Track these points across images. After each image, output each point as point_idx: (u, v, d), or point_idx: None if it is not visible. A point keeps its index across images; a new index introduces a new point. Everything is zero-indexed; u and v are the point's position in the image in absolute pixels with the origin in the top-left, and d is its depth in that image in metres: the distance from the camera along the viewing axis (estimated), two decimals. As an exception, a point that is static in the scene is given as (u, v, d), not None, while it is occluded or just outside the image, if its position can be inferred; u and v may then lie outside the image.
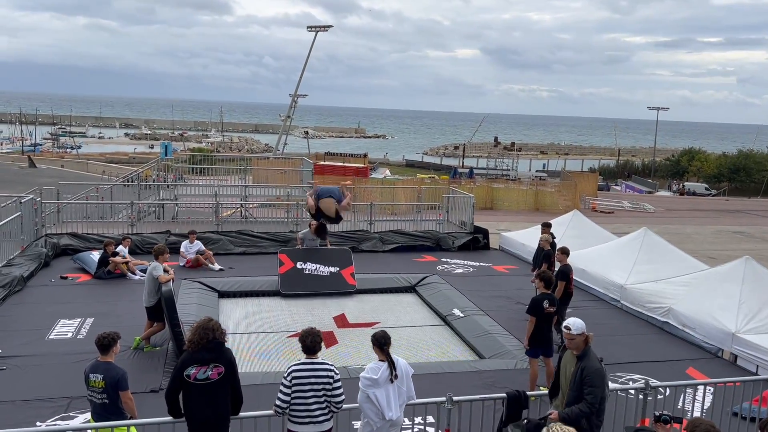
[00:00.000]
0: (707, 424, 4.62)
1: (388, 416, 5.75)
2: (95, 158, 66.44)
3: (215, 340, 5.56)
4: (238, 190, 24.74)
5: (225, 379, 5.55)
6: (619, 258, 13.95)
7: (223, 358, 5.56)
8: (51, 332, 10.50)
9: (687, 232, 26.17)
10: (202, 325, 5.61)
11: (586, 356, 5.74)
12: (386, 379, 5.78)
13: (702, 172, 67.91)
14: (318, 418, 5.68)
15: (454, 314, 12.41)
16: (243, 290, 13.81)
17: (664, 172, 73.55)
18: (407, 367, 6.01)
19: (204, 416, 5.53)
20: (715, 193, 58.14)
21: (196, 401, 5.50)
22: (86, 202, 20.08)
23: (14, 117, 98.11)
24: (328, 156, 45.87)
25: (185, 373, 5.46)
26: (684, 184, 63.03)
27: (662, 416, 4.83)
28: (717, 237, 25.58)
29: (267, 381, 8.64)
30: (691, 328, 11.20)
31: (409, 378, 5.99)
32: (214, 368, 5.50)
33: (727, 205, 42.06)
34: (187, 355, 5.56)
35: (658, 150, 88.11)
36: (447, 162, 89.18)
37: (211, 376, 5.49)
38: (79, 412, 7.64)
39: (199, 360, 5.49)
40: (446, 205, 20.35)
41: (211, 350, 5.53)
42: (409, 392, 5.97)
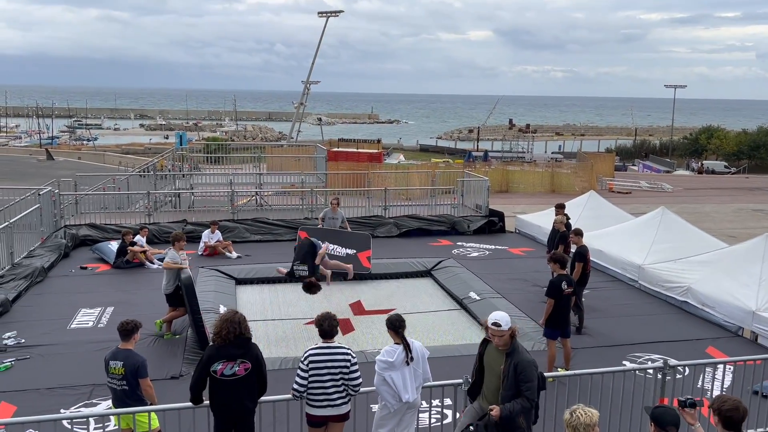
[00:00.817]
0: (734, 400, 4.56)
1: (404, 398, 5.78)
2: (111, 149, 67.04)
3: (242, 336, 5.57)
4: (253, 178, 24.84)
5: (251, 375, 5.58)
6: (637, 238, 13.82)
7: (250, 354, 5.59)
8: (72, 321, 10.67)
9: (706, 210, 25.86)
10: (228, 319, 5.59)
11: (516, 351, 5.47)
12: (402, 361, 5.80)
13: (721, 150, 66.88)
14: (336, 401, 5.72)
15: (470, 297, 12.41)
16: (260, 277, 13.91)
17: (682, 150, 72.57)
18: (423, 350, 6.02)
19: (230, 410, 5.59)
20: (734, 171, 57.31)
21: (223, 396, 5.55)
22: (104, 193, 20.29)
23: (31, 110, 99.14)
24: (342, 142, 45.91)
25: (212, 368, 5.50)
26: (703, 163, 62.18)
27: (688, 401, 4.77)
28: (737, 215, 25.26)
29: (285, 366, 8.73)
30: (710, 307, 11.10)
31: (425, 360, 6.00)
32: (241, 364, 5.53)
33: (747, 183, 41.48)
34: (213, 351, 5.57)
35: (676, 128, 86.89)
36: (461, 146, 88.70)
37: (238, 372, 5.52)
38: (102, 399, 7.77)
39: (226, 356, 5.51)
40: (461, 189, 20.27)
41: (239, 346, 5.55)
42: (425, 374, 5.99)
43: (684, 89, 74.45)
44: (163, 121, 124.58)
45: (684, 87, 73.75)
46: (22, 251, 13.86)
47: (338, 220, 14.84)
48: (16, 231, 13.74)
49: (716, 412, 4.52)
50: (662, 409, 4.56)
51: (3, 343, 9.60)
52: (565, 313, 8.72)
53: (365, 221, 17.82)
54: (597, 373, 6.81)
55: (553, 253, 9.35)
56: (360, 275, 14.02)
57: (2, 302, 10.92)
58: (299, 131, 56.72)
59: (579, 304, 10.40)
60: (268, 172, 27.33)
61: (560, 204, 13.46)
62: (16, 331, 10.04)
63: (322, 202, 18.99)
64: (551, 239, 12.49)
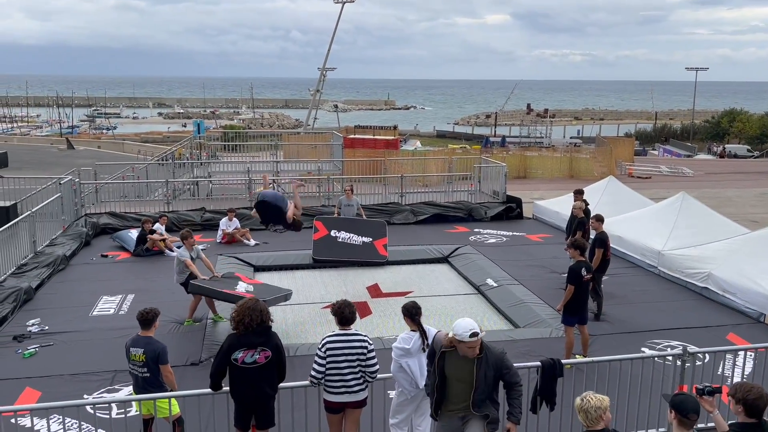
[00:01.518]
0: (759, 388, 4.51)
1: (421, 385, 5.80)
2: (130, 138, 67.62)
3: (263, 324, 5.62)
4: (270, 165, 24.94)
5: (272, 363, 5.63)
6: (657, 224, 13.67)
7: (270, 343, 5.63)
8: (94, 309, 10.84)
9: (727, 195, 25.46)
10: (250, 307, 5.63)
11: (486, 350, 5.16)
12: (419, 348, 5.82)
13: (744, 133, 65.71)
14: (353, 388, 5.76)
15: (487, 284, 12.38)
16: (277, 264, 14.01)
17: (704, 134, 71.44)
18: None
19: (250, 398, 5.66)
20: (757, 155, 56.30)
21: (243, 384, 5.61)
22: (123, 181, 20.51)
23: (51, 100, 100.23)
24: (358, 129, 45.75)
25: (233, 356, 5.56)
26: (725, 147, 61.17)
27: (706, 389, 4.72)
28: (759, 200, 24.83)
29: (302, 353, 8.79)
30: (731, 293, 10.96)
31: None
32: (261, 352, 5.58)
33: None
34: (234, 339, 5.62)
35: (698, 112, 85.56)
36: (478, 131, 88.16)
37: (259, 360, 5.57)
38: (124, 385, 7.90)
39: (247, 344, 5.56)
40: (478, 175, 20.17)
41: (260, 334, 5.59)
42: None
43: (706, 72, 73.09)
44: (180, 110, 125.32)
45: (706, 69, 72.45)
46: (44, 240, 14.08)
47: (353, 207, 14.93)
48: (39, 220, 13.96)
49: (741, 401, 4.47)
50: (683, 397, 4.52)
51: (27, 330, 9.79)
52: (583, 299, 8.67)
53: (382, 208, 17.82)
54: (615, 360, 6.78)
55: (573, 240, 9.28)
56: (377, 262, 14.07)
57: (26, 290, 11.12)
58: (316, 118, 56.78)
59: (598, 290, 10.34)
60: (285, 159, 27.42)
61: (579, 189, 13.34)
62: (39, 318, 10.24)
63: (339, 189, 19.01)
64: (569, 225, 12.39)
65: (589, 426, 4.41)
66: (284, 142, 32.21)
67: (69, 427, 6.53)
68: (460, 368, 5.16)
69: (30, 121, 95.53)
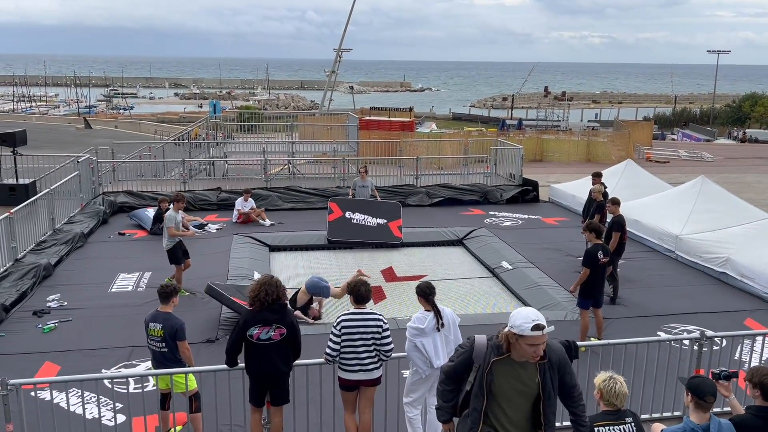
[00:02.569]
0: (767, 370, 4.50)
1: (436, 364, 5.81)
2: (147, 118, 67.94)
3: (278, 301, 5.65)
4: (286, 146, 24.94)
5: (286, 340, 5.67)
6: (675, 208, 13.51)
7: (285, 320, 5.66)
8: (112, 285, 10.96)
9: (747, 180, 25.09)
10: (265, 282, 5.67)
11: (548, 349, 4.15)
12: (433, 328, 5.82)
13: (765, 118, 64.59)
14: (368, 366, 5.78)
15: (502, 267, 12.34)
16: (293, 244, 14.06)
17: (724, 119, 70.32)
18: (453, 316, 6.02)
19: (265, 373, 5.71)
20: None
21: (258, 360, 5.66)
22: (140, 160, 20.63)
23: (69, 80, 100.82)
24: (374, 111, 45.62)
25: (248, 333, 5.60)
26: (745, 131, 60.17)
27: (722, 373, 4.69)
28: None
29: (318, 332, 8.83)
30: (750, 278, 10.84)
31: (456, 326, 6.00)
32: (276, 329, 5.62)
33: (792, 153, 39.99)
34: (250, 315, 5.66)
35: (718, 96, 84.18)
36: (495, 114, 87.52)
37: (274, 337, 5.61)
38: (141, 361, 8.01)
39: (263, 320, 5.60)
40: (494, 158, 20.04)
41: (275, 311, 5.62)
42: (456, 340, 5.99)
43: (728, 55, 71.74)
44: (197, 90, 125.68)
45: (728, 52, 71.11)
46: (62, 217, 14.24)
47: (368, 188, 15.02)
48: (57, 198, 14.11)
49: (758, 384, 4.45)
50: (700, 380, 4.50)
51: (47, 305, 9.94)
52: (599, 282, 8.63)
53: (397, 190, 17.78)
54: (631, 343, 6.73)
55: (589, 223, 9.24)
56: (391, 244, 14.09)
57: (45, 266, 11.27)
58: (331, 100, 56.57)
59: (614, 274, 10.28)
60: (300, 140, 27.41)
61: (597, 172, 13.19)
62: (59, 294, 10.38)
63: (354, 171, 19.00)
64: (586, 208, 12.29)
65: (606, 406, 4.39)
66: (300, 123, 32.17)
67: (88, 400, 6.63)
68: (518, 378, 4.09)
69: (48, 100, 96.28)
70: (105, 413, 6.57)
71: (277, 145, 25.64)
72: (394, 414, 6.35)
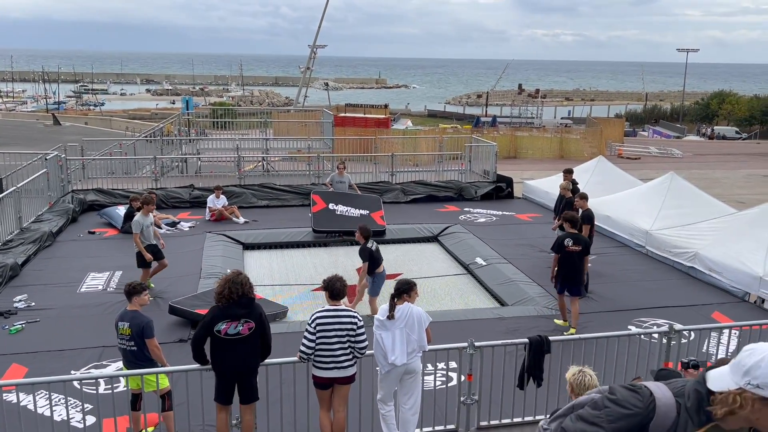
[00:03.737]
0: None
1: (390, 359, 5.83)
2: (118, 115, 66.86)
3: (246, 296, 5.61)
4: (260, 143, 24.75)
5: (255, 334, 5.64)
6: (645, 204, 13.74)
7: (254, 314, 5.64)
8: (82, 285, 10.77)
9: (716, 176, 25.62)
10: (230, 279, 5.65)
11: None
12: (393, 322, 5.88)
13: (733, 115, 65.91)
14: (343, 363, 5.77)
15: (476, 263, 12.42)
16: (267, 242, 13.97)
17: (693, 116, 71.59)
18: (421, 317, 6.02)
19: (233, 369, 5.67)
20: (746, 137, 56.58)
21: (226, 355, 5.62)
22: (110, 158, 20.30)
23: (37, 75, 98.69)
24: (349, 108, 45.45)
25: (216, 328, 5.55)
26: (713, 128, 61.39)
27: (690, 362, 4.79)
28: (747, 181, 25.01)
29: (292, 330, 8.80)
30: (717, 272, 11.07)
31: (422, 327, 5.99)
32: (245, 324, 5.59)
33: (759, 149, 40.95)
34: (217, 310, 5.62)
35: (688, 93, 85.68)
36: (470, 111, 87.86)
37: (242, 332, 5.58)
38: (112, 361, 7.89)
39: (231, 315, 5.57)
40: (468, 155, 20.13)
41: (243, 306, 5.60)
42: (420, 341, 5.98)
43: (696, 53, 73.01)
44: (169, 86, 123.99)
45: (696, 51, 72.35)
46: (30, 216, 13.94)
47: (345, 183, 15.10)
48: (24, 196, 13.80)
49: None
50: (666, 372, 4.58)
51: (13, 306, 9.73)
52: (571, 270, 8.93)
53: (372, 187, 17.76)
54: (602, 337, 6.84)
55: (565, 213, 9.60)
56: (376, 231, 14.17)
57: (12, 266, 11.02)
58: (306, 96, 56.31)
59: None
60: (274, 137, 27.23)
61: (568, 169, 13.36)
62: (26, 294, 10.16)
63: (329, 167, 18.94)
64: (557, 205, 12.44)
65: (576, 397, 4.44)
66: (274, 119, 31.96)
67: (56, 402, 6.51)
68: None
69: (15, 96, 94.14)
70: (74, 415, 6.47)
71: (251, 141, 25.43)
72: (368, 411, 6.35)
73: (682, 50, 71.67)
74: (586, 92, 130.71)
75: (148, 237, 10.17)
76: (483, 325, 9.23)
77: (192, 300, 9.53)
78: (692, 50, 71.22)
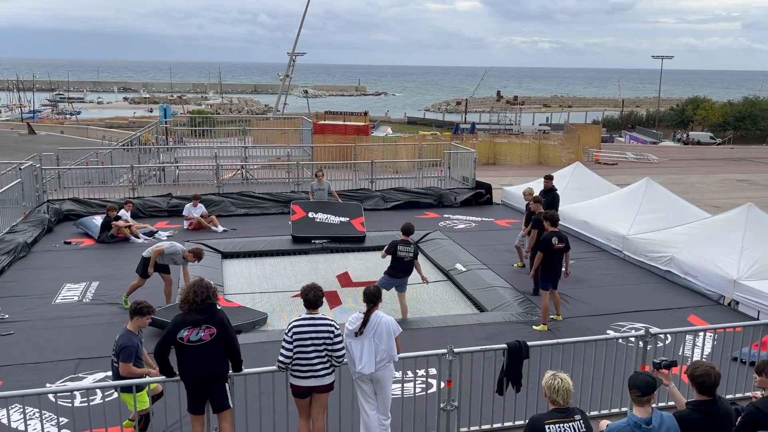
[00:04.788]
0: (707, 366, 4.67)
1: (357, 368, 5.86)
2: (95, 123, 66.14)
3: (207, 302, 5.60)
4: (239, 151, 24.62)
5: (217, 340, 5.61)
6: (622, 209, 13.91)
7: (215, 319, 5.62)
8: (57, 297, 10.61)
9: (691, 181, 26.06)
10: (195, 284, 5.68)
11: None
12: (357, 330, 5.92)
13: (707, 120, 67.11)
14: (320, 372, 5.76)
15: (456, 269, 12.47)
16: (246, 251, 13.89)
17: (669, 122, 72.75)
18: (390, 327, 6.02)
19: (198, 376, 5.61)
20: (720, 142, 57.63)
21: (191, 362, 5.58)
22: (87, 167, 20.06)
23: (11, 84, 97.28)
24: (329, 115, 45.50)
25: (178, 336, 5.53)
26: (688, 134, 62.43)
27: (662, 362, 4.88)
28: (721, 185, 25.48)
29: (271, 339, 8.74)
30: (693, 276, 11.23)
31: (391, 337, 6.00)
32: (206, 329, 5.56)
33: (732, 154, 41.78)
34: (179, 317, 5.63)
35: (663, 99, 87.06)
36: (449, 118, 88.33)
37: (204, 338, 5.55)
38: (88, 373, 7.78)
39: (191, 322, 5.55)
40: (448, 162, 20.24)
41: (203, 311, 5.58)
42: (389, 351, 5.98)
43: (671, 60, 74.35)
44: (147, 95, 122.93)
45: (671, 58, 73.70)
46: (4, 226, 13.71)
47: (325, 190, 15.15)
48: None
49: (690, 377, 4.63)
50: (634, 374, 4.66)
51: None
52: (557, 267, 9.42)
53: (352, 194, 17.77)
54: (580, 342, 6.90)
55: (547, 212, 9.91)
56: (348, 248, 14.20)
57: (-15, 278, 10.82)
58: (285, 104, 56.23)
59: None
60: (253, 145, 27.12)
61: (548, 175, 13.43)
62: (0, 306, 9.98)
63: (309, 175, 18.91)
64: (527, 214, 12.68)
65: (554, 404, 4.49)
66: (253, 127, 31.84)
67: (30, 416, 6.40)
68: None
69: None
70: (49, 429, 6.36)
71: (230, 149, 25.29)
72: (348, 419, 6.34)
73: (657, 57, 72.91)
74: (563, 99, 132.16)
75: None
76: (463, 331, 9.26)
77: (168, 311, 9.43)
78: (667, 57, 72.49)
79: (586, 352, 6.83)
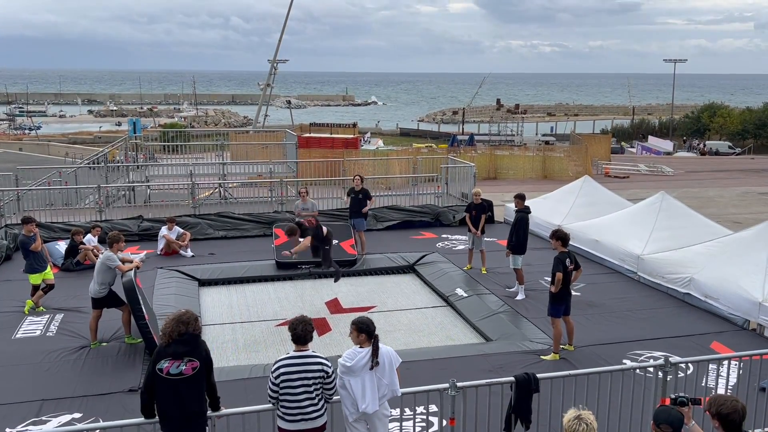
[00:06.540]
0: (732, 400, 4.66)
1: (361, 408, 5.78)
2: (57, 139, 66.04)
3: (190, 333, 5.60)
4: (216, 168, 24.66)
5: (200, 375, 5.59)
6: (635, 226, 14.01)
7: (197, 352, 5.61)
8: (17, 331, 10.52)
9: (709, 195, 26.28)
10: (177, 316, 5.66)
11: None
12: (363, 366, 5.81)
13: (725, 129, 67.85)
14: (310, 414, 5.71)
15: (456, 294, 12.49)
16: (225, 277, 13.86)
17: (684, 130, 73.45)
18: (392, 358, 5.99)
19: (176, 413, 5.55)
20: (739, 152, 58.22)
21: (169, 397, 5.53)
22: (49, 188, 20.01)
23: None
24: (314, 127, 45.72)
25: (158, 367, 5.51)
26: (705, 143, 63.05)
27: (678, 398, 4.88)
28: (742, 199, 25.69)
29: (255, 374, 8.71)
30: (714, 298, 11.30)
31: (393, 370, 5.97)
32: (188, 363, 5.54)
33: (753, 164, 42.18)
34: (160, 349, 5.62)
35: (676, 107, 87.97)
36: (445, 129, 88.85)
37: (185, 371, 5.53)
38: (52, 416, 7.70)
39: (173, 354, 5.53)
40: (445, 177, 20.34)
41: (186, 343, 5.57)
42: (391, 386, 5.94)
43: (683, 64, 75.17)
44: (114, 107, 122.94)
45: (684, 61, 74.53)
46: (-42, 254, 13.63)
47: (309, 209, 15.16)
48: (-49, 232, 13.50)
49: (715, 415, 4.62)
50: (662, 408, 4.66)
51: (-61, 356, 9.45)
52: (568, 289, 9.44)
53: (341, 213, 17.79)
54: (594, 373, 6.91)
55: (556, 230, 9.83)
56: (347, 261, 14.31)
57: (-63, 311, 10.73)
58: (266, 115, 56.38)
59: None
60: (232, 161, 27.17)
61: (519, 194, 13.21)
62: (-47, 343, 9.89)
63: (293, 193, 18.95)
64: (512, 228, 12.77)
65: None
66: (231, 141, 31.91)
67: (-11, 465, 6.33)
68: None
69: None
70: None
71: (207, 166, 25.32)
72: (342, 463, 6.30)
73: (669, 61, 73.74)
74: (569, 107, 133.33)
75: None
76: (465, 363, 9.25)
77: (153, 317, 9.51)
78: (680, 60, 73.31)
79: (601, 384, 6.84)
